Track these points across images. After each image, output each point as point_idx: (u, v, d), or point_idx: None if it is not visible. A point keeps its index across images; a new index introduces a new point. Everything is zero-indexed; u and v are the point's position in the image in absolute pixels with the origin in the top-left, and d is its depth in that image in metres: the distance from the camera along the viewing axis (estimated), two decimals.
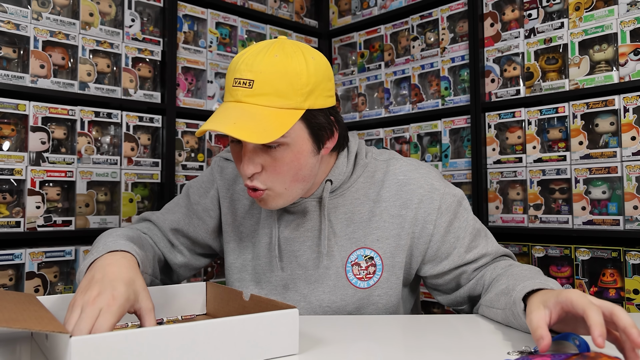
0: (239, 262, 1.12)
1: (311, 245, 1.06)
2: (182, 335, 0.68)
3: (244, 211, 1.13)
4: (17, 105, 1.57)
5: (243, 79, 0.90)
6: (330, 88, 0.97)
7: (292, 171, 0.94)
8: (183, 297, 1.00)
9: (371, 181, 1.06)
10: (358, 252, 1.04)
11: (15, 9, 1.58)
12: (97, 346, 0.63)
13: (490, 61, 1.88)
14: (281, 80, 0.89)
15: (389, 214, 1.04)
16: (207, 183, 1.18)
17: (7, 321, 0.65)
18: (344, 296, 1.04)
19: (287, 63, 0.90)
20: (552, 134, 1.73)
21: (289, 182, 0.95)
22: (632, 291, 1.52)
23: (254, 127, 0.86)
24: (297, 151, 0.93)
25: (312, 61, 0.93)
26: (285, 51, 0.92)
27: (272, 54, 0.91)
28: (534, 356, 0.67)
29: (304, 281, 1.06)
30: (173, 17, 1.92)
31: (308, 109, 0.92)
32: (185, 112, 1.95)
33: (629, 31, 1.57)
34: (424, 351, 0.80)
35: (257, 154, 0.92)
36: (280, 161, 0.92)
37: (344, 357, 0.77)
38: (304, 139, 0.93)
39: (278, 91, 0.89)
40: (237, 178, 1.15)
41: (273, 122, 0.88)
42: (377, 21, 2.25)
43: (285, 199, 0.97)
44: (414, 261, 1.06)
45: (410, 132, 2.10)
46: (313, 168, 0.98)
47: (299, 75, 0.90)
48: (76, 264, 1.66)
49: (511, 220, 1.79)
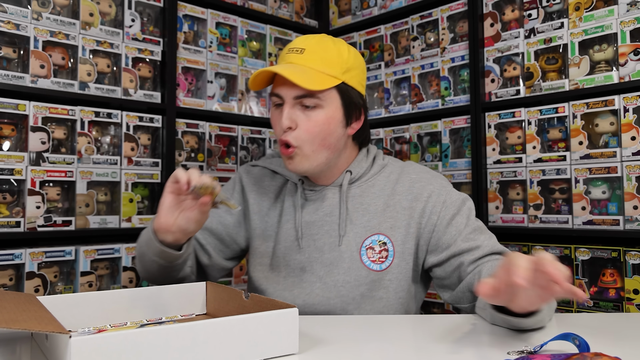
0: (262, 248, 1.21)
1: (328, 230, 1.14)
2: (182, 335, 0.68)
3: (270, 204, 1.23)
4: (17, 105, 1.57)
5: (296, 47, 1.09)
6: (363, 78, 1.15)
7: (322, 134, 1.08)
8: (183, 296, 1.00)
9: (387, 179, 1.18)
10: (372, 237, 1.13)
11: (15, 9, 1.58)
12: (97, 346, 0.63)
13: (490, 61, 1.88)
14: (326, 51, 1.09)
15: (401, 206, 1.14)
16: (230, 185, 1.30)
17: (7, 322, 0.65)
18: (358, 277, 1.11)
19: (332, 43, 1.11)
20: (552, 134, 1.73)
21: (317, 145, 1.08)
22: (632, 291, 1.53)
23: (301, 75, 1.04)
24: (330, 116, 1.08)
25: (353, 50, 1.13)
26: (332, 38, 1.13)
27: (321, 36, 1.13)
28: (534, 356, 0.68)
29: (320, 264, 1.13)
30: (173, 17, 1.92)
31: (344, 82, 1.09)
32: (185, 112, 1.95)
33: (629, 31, 1.57)
34: (424, 351, 0.80)
35: (295, 111, 1.08)
36: (314, 121, 1.07)
37: (344, 356, 0.77)
38: (337, 107, 1.09)
39: (323, 59, 1.08)
40: (263, 177, 1.26)
41: (317, 78, 1.05)
42: (377, 21, 2.25)
43: (310, 162, 1.09)
44: (420, 251, 1.14)
45: (410, 132, 2.10)
46: (339, 140, 1.12)
47: (341, 53, 1.10)
48: (76, 264, 1.66)
49: (511, 220, 1.79)
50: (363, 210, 1.14)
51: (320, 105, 1.07)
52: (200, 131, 1.99)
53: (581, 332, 0.74)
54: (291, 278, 1.16)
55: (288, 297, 1.15)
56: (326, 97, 1.07)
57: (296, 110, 1.07)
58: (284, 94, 1.08)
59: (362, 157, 1.19)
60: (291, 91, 1.06)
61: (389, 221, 1.13)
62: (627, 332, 0.93)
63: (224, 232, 1.23)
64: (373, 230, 1.13)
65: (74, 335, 0.62)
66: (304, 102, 1.07)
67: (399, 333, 0.91)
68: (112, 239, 1.80)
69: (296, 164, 1.09)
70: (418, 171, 1.18)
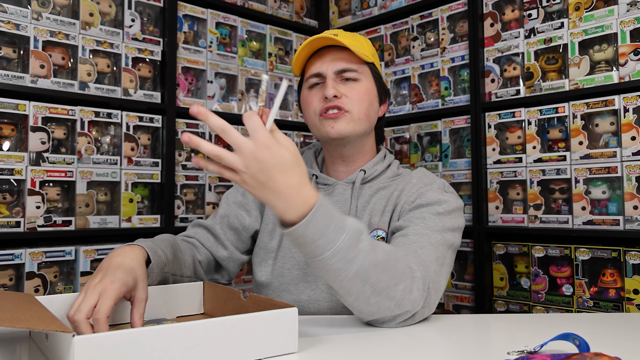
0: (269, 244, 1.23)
1: None
2: (183, 334, 0.69)
3: None
4: (17, 105, 1.57)
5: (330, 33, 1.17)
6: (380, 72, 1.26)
7: (366, 103, 1.17)
8: (181, 296, 1.01)
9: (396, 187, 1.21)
10: (372, 233, 1.16)
11: (15, 9, 1.58)
12: (100, 345, 0.63)
13: (490, 61, 1.88)
14: (356, 38, 1.21)
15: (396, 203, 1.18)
16: None
17: (9, 321, 0.65)
18: None
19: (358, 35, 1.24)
20: (552, 134, 1.73)
21: (364, 112, 1.17)
22: (632, 291, 1.53)
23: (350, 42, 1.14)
24: (368, 88, 1.19)
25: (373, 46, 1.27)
26: None
27: None
28: (534, 356, 0.68)
29: None
30: (173, 17, 1.92)
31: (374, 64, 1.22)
32: (185, 112, 1.95)
33: (629, 31, 1.57)
34: (424, 351, 0.81)
35: (337, 84, 1.16)
36: (357, 91, 1.17)
37: (343, 356, 0.77)
38: (372, 83, 1.21)
39: (357, 40, 1.20)
40: None
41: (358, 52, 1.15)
42: (377, 21, 2.25)
43: (355, 126, 1.16)
44: None
45: (410, 132, 2.10)
46: (375, 115, 1.23)
47: (367, 42, 1.23)
48: (76, 264, 1.66)
49: (511, 220, 1.79)
50: (369, 210, 1.18)
51: (359, 78, 1.18)
52: (201, 131, 1.99)
53: (581, 332, 0.74)
54: (296, 271, 1.18)
55: (293, 290, 1.16)
56: (363, 71, 1.19)
57: (338, 83, 1.17)
58: (325, 70, 1.17)
59: (378, 160, 1.24)
60: (332, 65, 1.17)
61: (386, 215, 1.17)
62: (627, 332, 0.93)
63: (240, 226, 1.25)
64: (373, 226, 1.17)
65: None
66: (345, 76, 1.17)
67: (399, 333, 0.91)
68: (112, 239, 1.80)
69: (343, 124, 1.15)
70: (420, 175, 1.22)
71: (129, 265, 0.88)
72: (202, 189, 1.99)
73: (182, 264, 1.11)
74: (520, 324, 0.98)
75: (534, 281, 1.74)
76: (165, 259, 1.02)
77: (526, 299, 1.76)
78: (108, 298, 0.80)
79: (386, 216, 1.17)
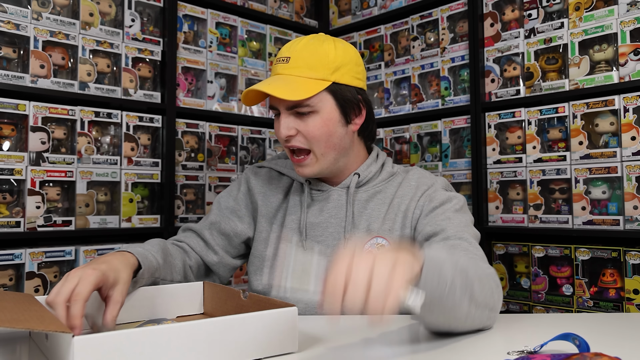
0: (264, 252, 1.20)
1: (333, 232, 1.15)
2: (184, 334, 0.69)
3: (277, 205, 1.23)
4: (17, 105, 1.57)
5: (282, 57, 1.11)
6: (358, 72, 1.14)
7: (324, 137, 1.09)
8: (181, 296, 1.00)
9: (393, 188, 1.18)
10: (372, 240, 1.13)
11: (15, 9, 1.58)
12: (100, 345, 0.64)
13: (490, 61, 1.88)
14: (312, 56, 1.09)
15: (399, 209, 1.15)
16: (235, 185, 1.29)
17: (9, 321, 0.65)
18: None
19: (318, 45, 1.10)
20: (552, 134, 1.73)
21: (324, 147, 1.10)
22: (632, 291, 1.53)
23: (285, 88, 1.05)
24: (326, 118, 1.09)
25: (341, 46, 1.12)
26: (319, 38, 1.12)
27: (308, 39, 1.12)
28: (534, 356, 0.68)
29: None
30: (173, 17, 1.92)
31: (335, 82, 1.09)
32: (185, 112, 1.95)
33: (629, 31, 1.57)
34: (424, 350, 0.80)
35: (291, 119, 1.09)
36: (312, 126, 1.08)
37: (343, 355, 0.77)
38: (331, 108, 1.10)
39: (308, 64, 1.08)
40: (271, 179, 1.26)
41: (302, 87, 1.06)
42: (377, 21, 2.25)
43: (321, 165, 1.12)
44: None
45: (410, 132, 2.10)
46: (343, 139, 1.13)
47: (327, 54, 1.09)
48: (76, 263, 1.66)
49: (511, 220, 1.79)
50: (367, 215, 1.15)
51: (314, 110, 1.08)
52: (200, 131, 1.99)
53: (581, 332, 0.74)
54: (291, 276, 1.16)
55: (291, 298, 1.15)
56: (318, 101, 1.08)
57: (293, 118, 1.10)
58: (278, 106, 1.10)
59: (372, 161, 1.20)
60: (283, 102, 1.08)
61: (388, 223, 1.14)
62: (627, 332, 0.93)
63: (232, 232, 1.23)
64: (373, 233, 1.14)
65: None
66: (298, 110, 1.08)
67: (398, 333, 0.91)
68: (112, 239, 1.80)
69: (308, 168, 1.12)
70: (418, 176, 1.19)
71: (115, 266, 0.89)
72: (202, 189, 1.99)
73: (173, 268, 1.11)
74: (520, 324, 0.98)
75: (534, 281, 1.74)
76: (157, 263, 1.02)
77: (526, 299, 1.76)
78: (87, 283, 0.81)
79: (388, 223, 1.14)
